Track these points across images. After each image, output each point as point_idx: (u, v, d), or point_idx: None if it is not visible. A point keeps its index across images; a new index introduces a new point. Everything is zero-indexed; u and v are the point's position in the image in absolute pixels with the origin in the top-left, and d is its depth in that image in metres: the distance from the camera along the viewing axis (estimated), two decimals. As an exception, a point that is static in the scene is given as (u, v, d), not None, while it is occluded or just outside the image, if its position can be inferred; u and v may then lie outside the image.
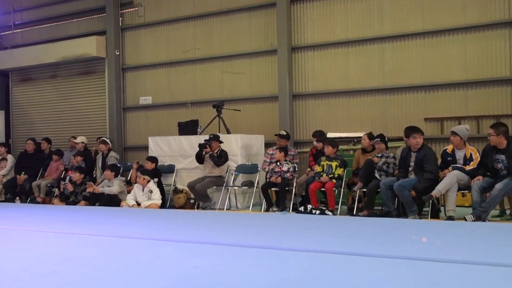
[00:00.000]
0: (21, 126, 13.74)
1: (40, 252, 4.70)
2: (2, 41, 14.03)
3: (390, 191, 7.11)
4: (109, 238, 5.37)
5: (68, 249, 4.83)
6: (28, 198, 10.30)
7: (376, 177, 7.54)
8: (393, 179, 7.22)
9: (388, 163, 7.56)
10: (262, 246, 4.73)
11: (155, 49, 11.75)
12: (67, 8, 12.87)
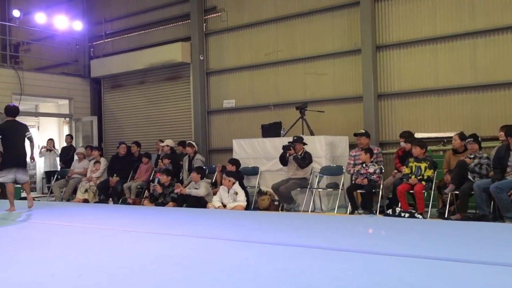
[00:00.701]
0: (112, 130, 14.43)
1: (134, 251, 4.85)
2: (95, 50, 14.83)
3: (485, 193, 6.71)
4: (198, 239, 5.46)
5: (160, 249, 4.95)
6: (120, 199, 10.75)
7: (469, 179, 7.16)
8: (488, 181, 6.81)
9: (481, 164, 7.16)
10: (351, 250, 4.61)
11: (238, 53, 11.90)
12: (154, 16, 13.37)
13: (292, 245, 4.92)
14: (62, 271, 4.01)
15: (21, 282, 3.71)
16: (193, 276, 3.78)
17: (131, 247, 5.11)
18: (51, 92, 13.91)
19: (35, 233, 6.38)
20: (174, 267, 4.10)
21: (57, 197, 11.71)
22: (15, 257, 4.68)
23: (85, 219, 7.58)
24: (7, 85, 12.77)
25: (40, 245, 5.39)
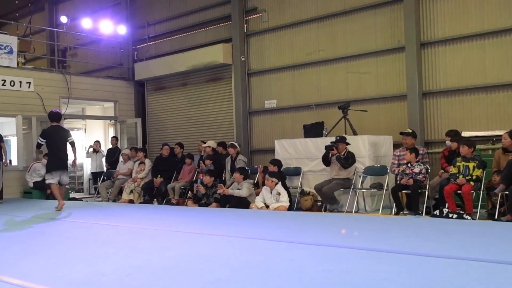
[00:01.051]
0: (156, 132, 14.68)
1: (181, 251, 4.93)
2: (138, 53, 15.13)
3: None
4: (242, 240, 5.50)
5: (206, 249, 5.01)
6: (164, 199, 10.91)
7: (520, 179, 6.90)
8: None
9: (534, 163, 6.88)
10: (398, 251, 4.53)
11: (279, 53, 11.89)
12: (195, 19, 13.52)
13: (337, 246, 4.89)
14: (112, 270, 4.12)
15: (73, 280, 3.83)
16: (239, 277, 3.81)
17: (177, 247, 5.19)
18: (97, 95, 14.28)
19: (85, 233, 6.57)
20: (220, 267, 4.13)
21: (104, 197, 12.00)
22: (68, 256, 4.84)
23: (132, 220, 7.76)
24: (55, 89, 13.18)
25: (90, 244, 5.54)
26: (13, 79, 12.29)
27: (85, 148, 15.12)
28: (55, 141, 9.02)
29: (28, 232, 6.70)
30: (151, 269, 4.11)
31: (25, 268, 4.31)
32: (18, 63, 12.73)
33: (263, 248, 5.00)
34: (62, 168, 9.08)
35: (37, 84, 12.77)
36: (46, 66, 16.07)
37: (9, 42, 12.34)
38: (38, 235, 6.41)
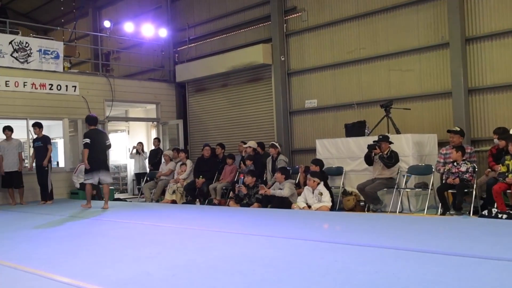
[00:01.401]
0: (197, 133, 14.84)
1: (224, 251, 4.95)
2: (179, 55, 15.33)
3: None
4: (285, 240, 5.48)
5: (249, 249, 5.02)
6: (206, 200, 11.01)
7: None
8: None
9: None
10: (445, 252, 4.42)
11: (319, 52, 11.80)
12: (235, 20, 13.59)
13: (382, 247, 4.80)
14: (158, 270, 4.17)
15: (121, 279, 3.90)
16: (284, 277, 3.79)
17: (220, 247, 5.22)
18: (139, 97, 14.55)
19: (130, 232, 6.70)
20: (264, 268, 4.13)
21: (147, 198, 12.21)
22: (114, 255, 4.95)
23: (175, 220, 7.86)
24: (100, 92, 13.51)
25: (136, 244, 5.65)
26: (59, 83, 12.67)
27: (129, 150, 15.44)
28: (95, 143, 9.50)
29: (76, 231, 6.88)
30: (196, 269, 4.15)
31: (74, 267, 4.42)
32: (64, 67, 13.12)
33: (306, 248, 4.97)
34: (101, 168, 9.57)
35: (82, 88, 13.12)
36: (90, 70, 16.51)
37: (56, 48, 12.74)
38: (85, 235, 6.57)
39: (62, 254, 5.17)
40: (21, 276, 4.13)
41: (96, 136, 9.61)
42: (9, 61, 11.86)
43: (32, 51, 12.23)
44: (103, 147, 9.71)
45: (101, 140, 9.67)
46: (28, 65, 12.16)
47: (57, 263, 4.66)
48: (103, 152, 9.71)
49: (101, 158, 9.64)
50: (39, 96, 12.30)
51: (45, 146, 11.23)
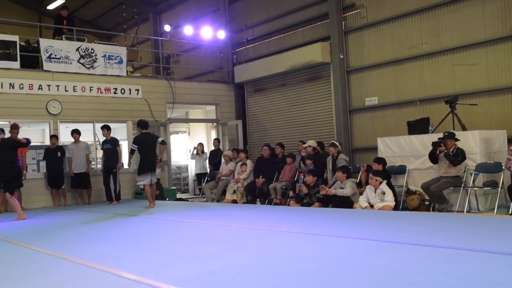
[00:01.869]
0: (256, 133, 14.91)
1: (287, 251, 4.92)
2: (237, 56, 15.47)
3: None
4: (348, 240, 5.39)
5: (311, 249, 4.97)
6: (266, 199, 11.04)
7: None
8: None
9: None
10: (521, 254, 4.20)
11: (379, 49, 11.56)
12: (293, 19, 13.55)
13: (450, 248, 4.62)
14: (222, 269, 4.20)
15: (187, 278, 3.96)
16: (348, 278, 3.73)
17: (283, 247, 5.20)
18: (199, 99, 14.81)
19: (194, 232, 6.81)
20: (328, 267, 4.08)
21: (208, 198, 12.40)
22: (179, 254, 5.04)
23: (236, 219, 7.90)
24: (161, 95, 13.85)
25: (199, 243, 5.73)
26: (123, 87, 13.10)
27: (189, 151, 15.74)
28: (146, 146, 10.03)
29: (141, 231, 7.07)
30: (260, 268, 4.15)
31: (141, 265, 4.53)
32: (127, 72, 13.55)
33: (370, 248, 4.86)
34: (151, 170, 10.11)
35: (145, 91, 13.50)
36: (152, 73, 16.98)
37: (119, 53, 13.18)
38: (150, 234, 6.73)
39: (130, 252, 5.32)
40: (92, 273, 4.28)
41: (146, 140, 10.10)
42: (76, 67, 12.39)
43: (97, 57, 12.71)
44: (153, 149, 10.17)
45: (151, 142, 10.14)
46: (93, 71, 12.66)
47: (125, 261, 4.80)
48: (153, 154, 10.18)
49: (151, 160, 10.12)
50: (104, 100, 12.76)
51: (113, 148, 11.65)
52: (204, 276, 3.97)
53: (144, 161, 10.10)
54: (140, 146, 10.05)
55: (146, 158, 10.08)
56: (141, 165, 10.13)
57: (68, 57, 12.27)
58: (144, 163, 10.07)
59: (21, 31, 15.55)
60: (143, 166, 10.06)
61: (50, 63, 12.06)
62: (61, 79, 12.16)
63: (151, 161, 10.11)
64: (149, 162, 10.06)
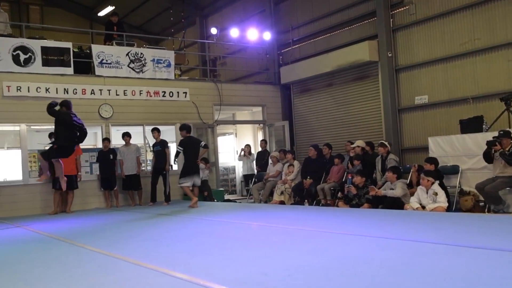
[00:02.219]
0: (303, 134, 14.83)
1: (338, 253, 4.87)
2: (283, 57, 15.44)
3: None
4: (400, 242, 5.28)
5: (363, 251, 4.89)
6: (314, 201, 10.98)
7: None
8: None
9: None
10: None
11: (429, 46, 11.25)
12: (339, 18, 13.41)
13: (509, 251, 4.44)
14: (273, 270, 4.19)
15: (239, 278, 3.98)
16: (402, 281, 3.65)
17: (333, 248, 5.15)
18: (246, 100, 14.88)
19: (243, 233, 6.84)
20: (380, 270, 4.00)
21: (256, 199, 12.44)
22: (230, 255, 5.07)
23: (285, 220, 7.88)
24: (208, 97, 14.00)
25: (249, 244, 5.74)
26: (171, 90, 13.33)
27: (236, 152, 15.85)
28: (191, 150, 10.42)
29: (191, 231, 7.16)
30: (310, 270, 4.11)
31: (192, 265, 4.58)
32: (175, 75, 13.78)
33: (423, 251, 4.73)
34: (196, 172, 10.56)
35: (192, 94, 13.68)
36: (199, 76, 17.18)
37: (167, 57, 13.42)
38: (200, 234, 6.80)
39: (181, 253, 5.38)
40: (146, 273, 4.36)
41: (190, 143, 10.49)
42: (126, 71, 12.71)
43: (146, 61, 12.99)
44: (197, 153, 10.55)
45: (195, 146, 10.56)
46: (143, 75, 12.94)
47: (177, 261, 4.86)
48: (197, 157, 10.58)
49: (195, 162, 10.56)
50: (153, 103, 13.02)
51: (163, 149, 11.88)
52: (255, 277, 3.97)
53: (188, 163, 10.45)
54: (185, 148, 10.41)
55: (190, 160, 10.45)
56: (185, 167, 10.49)
57: (119, 62, 12.61)
58: (188, 166, 10.43)
59: (74, 38, 16.10)
60: (187, 168, 10.43)
61: (102, 68, 12.43)
62: (112, 84, 12.51)
63: (195, 163, 10.50)
64: (193, 164, 10.48)
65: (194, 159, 10.52)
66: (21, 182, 11.45)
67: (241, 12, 16.86)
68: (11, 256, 5.95)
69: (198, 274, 4.14)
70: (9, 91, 11.24)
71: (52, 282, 4.29)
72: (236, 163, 16.15)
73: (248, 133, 16.66)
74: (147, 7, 19.90)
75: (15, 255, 6.01)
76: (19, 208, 11.13)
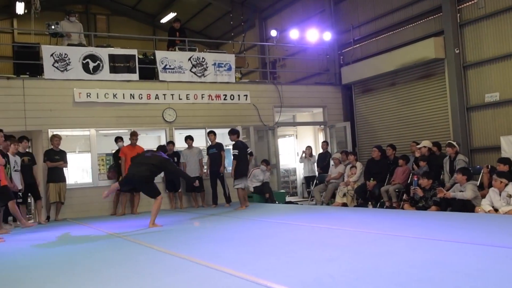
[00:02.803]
0: (365, 134, 14.56)
1: (406, 257, 4.71)
2: (344, 57, 15.23)
3: None
4: (474, 246, 5.03)
5: (433, 255, 4.70)
6: (378, 203, 10.73)
7: None
8: None
9: None
10: None
11: (500, 41, 10.73)
12: (402, 15, 13.07)
13: None
14: (340, 273, 4.12)
15: (305, 281, 3.92)
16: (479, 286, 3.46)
17: (401, 252, 4.99)
18: (306, 102, 14.79)
19: (307, 235, 6.79)
20: (455, 275, 3.82)
21: (318, 201, 12.32)
22: (295, 257, 5.02)
23: (349, 223, 7.76)
24: (269, 99, 14.04)
25: (313, 246, 5.67)
26: (232, 93, 13.47)
27: (297, 154, 15.78)
28: (243, 153, 10.85)
29: (254, 233, 7.19)
30: (379, 274, 4.00)
31: (257, 266, 4.59)
32: (235, 78, 13.91)
33: (498, 256, 4.49)
34: (246, 174, 11.11)
35: (253, 96, 13.76)
36: (259, 78, 17.28)
37: (228, 60, 13.58)
38: (263, 236, 6.81)
39: (246, 254, 5.41)
40: (212, 274, 4.40)
41: (243, 147, 10.91)
42: (188, 76, 12.97)
43: (208, 65, 13.20)
44: (246, 157, 11.01)
45: (246, 149, 11.02)
46: (204, 79, 13.16)
47: (242, 262, 4.88)
48: (247, 161, 11.07)
49: (247, 166, 11.09)
50: (215, 107, 13.20)
51: (218, 152, 12.02)
52: (322, 280, 3.90)
53: (241, 166, 10.79)
54: (238, 152, 10.75)
55: (243, 163, 10.85)
56: (240, 170, 10.76)
57: (181, 67, 12.88)
58: (242, 168, 10.79)
59: (138, 45, 16.66)
60: (241, 170, 10.77)
61: (165, 73, 12.74)
62: (175, 88, 12.79)
63: (246, 166, 10.99)
64: (245, 166, 10.91)
65: (246, 162, 10.92)
66: (91, 185, 11.92)
67: (301, 13, 16.79)
68: (84, 255, 6.19)
69: (263, 275, 4.13)
70: (79, 97, 11.75)
71: (125, 281, 4.41)
72: (297, 165, 16.08)
73: (309, 135, 16.55)
74: (208, 12, 20.25)
75: (87, 254, 6.24)
76: (89, 209, 11.60)
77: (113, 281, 4.46)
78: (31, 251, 6.80)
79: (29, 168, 10.33)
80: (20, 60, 11.81)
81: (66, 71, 11.68)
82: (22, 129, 11.07)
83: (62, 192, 10.96)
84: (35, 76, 11.73)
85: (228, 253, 5.48)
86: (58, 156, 10.94)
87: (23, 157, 10.20)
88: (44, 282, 4.68)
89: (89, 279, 4.62)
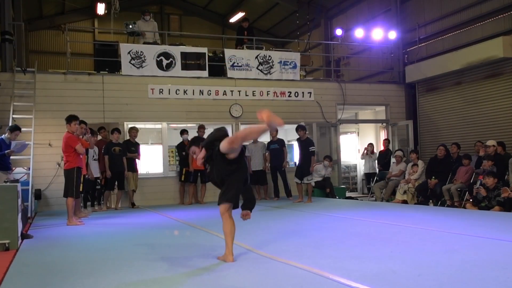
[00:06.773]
0: (428, 133, 14.51)
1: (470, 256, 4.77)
2: (409, 56, 15.20)
3: None
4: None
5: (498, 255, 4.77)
6: (439, 201, 10.76)
7: None
8: None
9: None
10: None
11: None
12: (470, 14, 12.94)
13: None
14: (402, 268, 4.28)
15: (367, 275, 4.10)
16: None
17: (464, 251, 5.05)
18: (369, 100, 14.91)
19: (367, 230, 6.98)
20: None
21: (378, 197, 12.49)
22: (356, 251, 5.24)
23: (409, 220, 7.84)
24: (332, 97, 14.28)
25: (375, 241, 5.86)
26: (297, 91, 13.83)
27: (358, 151, 15.93)
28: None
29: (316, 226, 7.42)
30: (442, 271, 4.12)
31: (321, 259, 4.78)
32: (300, 76, 14.24)
33: None
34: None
35: (317, 94, 14.06)
36: (323, 76, 17.49)
37: (293, 58, 13.94)
38: (325, 230, 7.03)
39: (308, 246, 5.61)
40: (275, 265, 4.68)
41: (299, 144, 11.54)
42: (255, 73, 13.46)
43: (274, 63, 13.63)
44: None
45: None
46: (270, 76, 13.59)
47: (305, 254, 5.09)
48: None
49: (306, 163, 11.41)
50: (280, 103, 13.60)
51: (280, 148, 12.42)
52: (384, 275, 4.06)
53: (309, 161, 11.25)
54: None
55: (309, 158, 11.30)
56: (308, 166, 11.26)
57: (248, 65, 13.38)
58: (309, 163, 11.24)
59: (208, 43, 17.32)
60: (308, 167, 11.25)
61: (233, 70, 13.29)
62: (242, 85, 13.31)
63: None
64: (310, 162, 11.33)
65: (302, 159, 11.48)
66: (162, 175, 12.68)
67: (366, 12, 16.85)
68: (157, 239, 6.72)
69: (326, 268, 4.34)
70: (153, 93, 12.51)
71: (201, 264, 4.79)
72: (358, 161, 16.22)
73: (370, 132, 16.63)
74: (275, 12, 20.64)
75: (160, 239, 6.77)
76: (160, 198, 12.36)
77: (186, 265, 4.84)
78: (109, 234, 7.37)
79: (119, 158, 11.23)
80: (100, 57, 12.72)
81: (142, 68, 12.47)
82: (101, 121, 11.93)
83: (135, 181, 11.75)
84: (114, 72, 12.59)
85: (290, 245, 5.69)
86: (133, 148, 11.72)
87: (114, 147, 11.07)
88: (120, 265, 4.96)
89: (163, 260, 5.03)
